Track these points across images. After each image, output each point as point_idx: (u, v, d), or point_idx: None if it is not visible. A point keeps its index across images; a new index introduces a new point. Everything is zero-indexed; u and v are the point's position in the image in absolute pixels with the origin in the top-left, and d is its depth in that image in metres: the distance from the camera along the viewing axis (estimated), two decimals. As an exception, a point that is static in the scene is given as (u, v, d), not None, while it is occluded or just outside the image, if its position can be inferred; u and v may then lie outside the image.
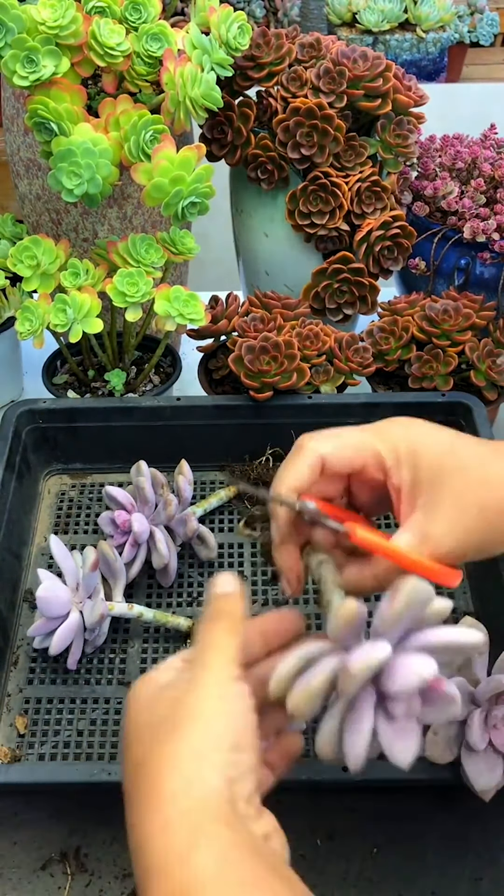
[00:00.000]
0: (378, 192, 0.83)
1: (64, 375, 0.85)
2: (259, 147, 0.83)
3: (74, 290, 0.72)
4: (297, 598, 0.68)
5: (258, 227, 0.90)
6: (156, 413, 0.75)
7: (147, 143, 0.70)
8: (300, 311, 0.81)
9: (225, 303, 0.83)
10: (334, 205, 0.82)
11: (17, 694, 0.62)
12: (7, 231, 0.88)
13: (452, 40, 2.06)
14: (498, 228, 0.84)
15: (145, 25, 0.71)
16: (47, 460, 0.77)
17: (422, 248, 0.88)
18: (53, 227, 0.85)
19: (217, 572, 0.70)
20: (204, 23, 0.73)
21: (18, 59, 0.67)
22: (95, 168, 0.69)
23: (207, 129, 0.84)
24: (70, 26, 0.67)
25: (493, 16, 2.20)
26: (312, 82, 0.80)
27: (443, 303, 0.80)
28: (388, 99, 0.81)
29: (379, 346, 0.80)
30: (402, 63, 2.00)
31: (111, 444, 0.76)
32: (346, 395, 0.78)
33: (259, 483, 0.75)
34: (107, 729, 0.60)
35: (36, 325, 0.72)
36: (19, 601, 0.68)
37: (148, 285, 0.72)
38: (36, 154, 0.81)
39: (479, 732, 0.48)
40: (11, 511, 0.69)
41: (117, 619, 0.66)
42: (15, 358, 0.93)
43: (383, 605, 0.37)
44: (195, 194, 0.71)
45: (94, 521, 0.74)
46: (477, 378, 0.78)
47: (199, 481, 0.77)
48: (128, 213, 0.83)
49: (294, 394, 0.76)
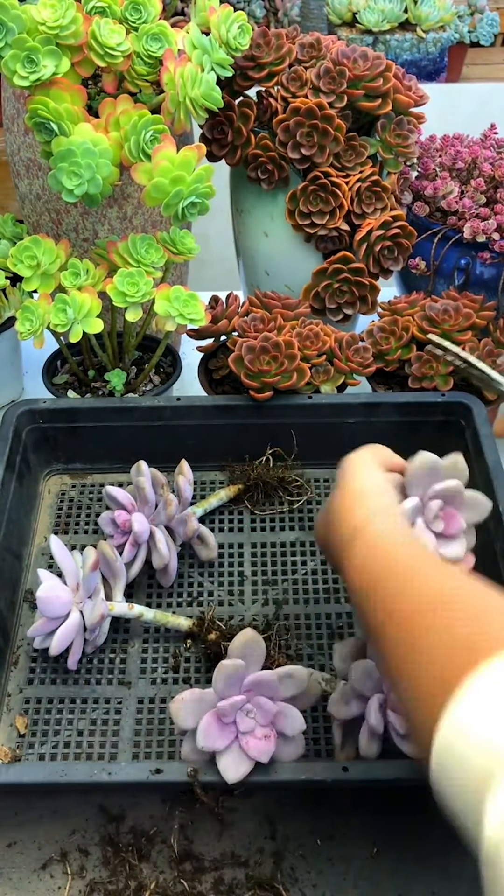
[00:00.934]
0: (378, 192, 0.83)
1: (64, 375, 0.85)
2: (259, 147, 0.83)
3: (75, 290, 0.72)
4: (298, 598, 0.69)
5: (258, 227, 0.90)
6: (156, 413, 0.75)
7: (147, 143, 0.70)
8: (300, 311, 0.81)
9: (225, 303, 0.83)
10: (334, 205, 0.82)
11: (17, 694, 0.62)
12: (7, 231, 0.88)
13: (452, 40, 2.06)
14: (498, 228, 0.84)
15: (145, 25, 0.71)
16: (47, 460, 0.77)
17: (422, 248, 0.88)
18: (54, 227, 0.85)
19: (217, 571, 0.70)
20: (204, 23, 0.73)
21: (19, 59, 0.67)
22: (95, 168, 0.69)
23: (207, 129, 0.85)
24: (70, 26, 0.67)
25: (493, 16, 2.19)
26: (312, 82, 0.80)
27: (443, 303, 0.80)
28: (389, 99, 0.81)
29: (379, 346, 0.80)
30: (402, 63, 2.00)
31: (111, 444, 0.76)
32: (346, 395, 0.78)
33: (259, 483, 0.75)
34: (107, 729, 0.60)
35: (36, 325, 0.72)
36: (19, 601, 0.68)
37: (148, 285, 0.72)
38: (36, 154, 0.81)
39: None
40: (11, 511, 0.69)
41: (117, 619, 0.66)
42: (15, 358, 0.93)
43: (409, 467, 0.57)
44: (195, 194, 0.71)
45: (94, 521, 0.74)
46: (477, 378, 0.78)
47: (199, 481, 0.77)
48: (128, 213, 0.83)
49: (294, 394, 0.76)
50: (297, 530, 0.74)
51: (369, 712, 0.53)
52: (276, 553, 0.72)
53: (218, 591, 0.69)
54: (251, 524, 0.74)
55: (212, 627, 0.64)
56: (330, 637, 0.66)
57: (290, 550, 0.72)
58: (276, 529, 0.74)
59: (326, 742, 0.59)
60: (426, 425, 0.75)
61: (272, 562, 0.71)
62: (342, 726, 0.56)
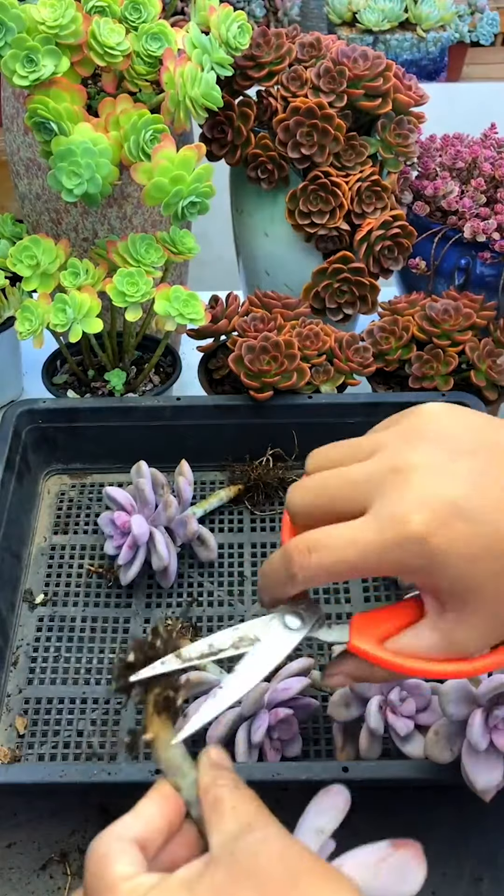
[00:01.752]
0: (378, 191, 0.83)
1: (64, 375, 0.85)
2: (259, 147, 0.83)
3: (74, 290, 0.72)
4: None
5: (258, 227, 0.90)
6: (156, 413, 0.75)
7: (147, 142, 0.70)
8: (300, 310, 0.81)
9: (225, 303, 0.83)
10: (334, 204, 0.81)
11: (16, 694, 0.62)
12: (7, 231, 0.88)
13: (453, 40, 2.06)
14: (498, 228, 0.83)
15: (145, 25, 0.71)
16: (47, 460, 0.77)
17: (422, 247, 0.88)
18: (53, 226, 0.85)
19: (217, 572, 0.70)
20: (204, 22, 0.72)
21: (18, 59, 0.67)
22: (95, 168, 0.69)
23: (207, 128, 0.84)
24: (70, 26, 0.67)
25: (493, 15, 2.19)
26: (312, 82, 0.80)
27: (443, 303, 0.80)
28: (389, 98, 0.81)
29: (379, 346, 0.80)
30: (402, 63, 2.00)
31: (111, 444, 0.76)
32: (346, 394, 0.78)
33: (260, 483, 0.75)
34: (107, 729, 0.60)
35: (36, 324, 0.72)
36: (19, 601, 0.68)
37: (148, 285, 0.71)
38: (36, 154, 0.81)
39: (480, 732, 0.48)
40: (11, 511, 0.69)
41: (117, 620, 0.66)
42: (15, 358, 0.93)
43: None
44: (195, 194, 0.71)
45: (94, 521, 0.74)
46: (477, 378, 0.78)
47: (199, 481, 0.77)
48: (128, 213, 0.83)
49: (294, 394, 0.76)
50: (297, 530, 0.74)
51: (369, 714, 0.53)
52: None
53: (218, 591, 0.69)
54: (251, 524, 0.74)
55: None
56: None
57: (290, 550, 0.72)
58: (276, 529, 0.74)
59: (326, 742, 0.59)
60: (426, 425, 0.75)
61: (272, 562, 0.71)
62: (342, 728, 0.56)
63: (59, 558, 0.71)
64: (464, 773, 0.49)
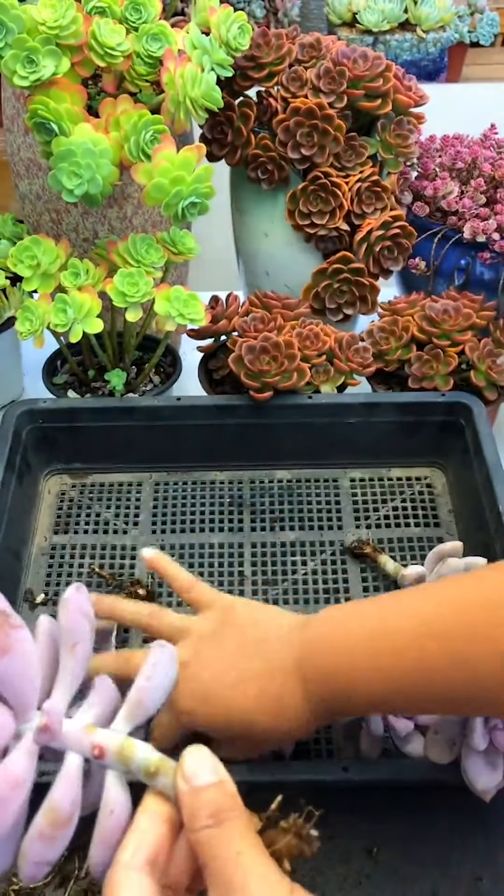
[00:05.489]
0: (378, 192, 0.83)
1: (64, 375, 0.85)
2: (259, 147, 0.83)
3: (74, 290, 0.72)
4: (298, 598, 0.69)
5: (258, 227, 0.90)
6: (156, 413, 0.75)
7: (147, 143, 0.70)
8: (300, 311, 0.81)
9: (225, 303, 0.83)
10: (334, 205, 0.82)
11: (17, 694, 0.62)
12: (7, 231, 0.88)
13: (452, 40, 2.06)
14: (498, 228, 0.84)
15: (145, 25, 0.71)
16: (47, 460, 0.77)
17: (422, 248, 0.88)
18: (54, 227, 0.85)
19: (217, 572, 0.70)
20: (204, 23, 0.73)
21: (18, 59, 0.67)
22: (95, 168, 0.69)
23: (207, 129, 0.85)
24: (70, 26, 0.67)
25: (493, 16, 2.19)
26: (312, 82, 0.80)
27: (443, 303, 0.80)
28: (388, 99, 0.81)
29: (379, 346, 0.80)
30: (402, 63, 2.00)
31: (111, 444, 0.76)
32: (346, 395, 0.78)
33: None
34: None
35: (36, 325, 0.72)
36: (19, 601, 0.68)
37: (148, 285, 0.72)
38: (36, 154, 0.81)
39: (480, 733, 0.48)
40: (11, 511, 0.69)
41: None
42: (15, 358, 0.93)
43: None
44: (195, 194, 0.71)
45: (93, 520, 0.74)
46: (477, 378, 0.78)
47: (199, 481, 0.77)
48: (128, 213, 0.83)
49: (294, 394, 0.76)
50: (297, 530, 0.74)
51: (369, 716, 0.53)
52: (276, 553, 0.72)
53: (217, 591, 0.69)
54: (251, 524, 0.74)
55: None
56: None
57: (290, 550, 0.72)
58: (276, 529, 0.74)
59: (326, 742, 0.59)
60: (426, 425, 0.76)
61: (272, 562, 0.71)
62: (343, 730, 0.56)
63: (60, 558, 0.71)
64: (464, 773, 0.50)
